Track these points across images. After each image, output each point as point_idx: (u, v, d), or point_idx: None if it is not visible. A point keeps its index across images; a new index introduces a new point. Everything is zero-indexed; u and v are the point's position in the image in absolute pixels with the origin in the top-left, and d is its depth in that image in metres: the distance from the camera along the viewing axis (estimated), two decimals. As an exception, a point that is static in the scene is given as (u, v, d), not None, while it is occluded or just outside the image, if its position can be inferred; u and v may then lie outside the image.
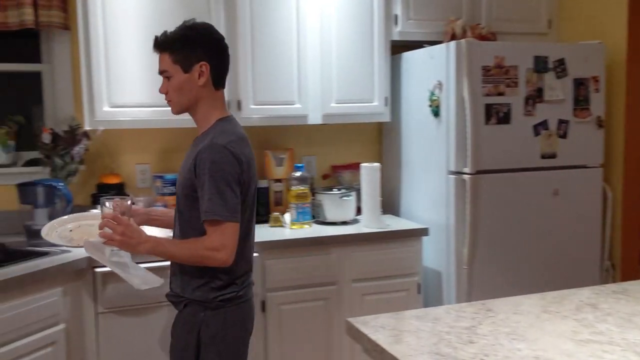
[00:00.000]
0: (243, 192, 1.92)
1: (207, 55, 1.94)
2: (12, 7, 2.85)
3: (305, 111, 3.10)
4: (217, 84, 1.99)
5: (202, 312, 1.95)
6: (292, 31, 3.03)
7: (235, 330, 1.98)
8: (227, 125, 1.98)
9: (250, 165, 1.96)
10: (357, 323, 1.63)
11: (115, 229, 1.88)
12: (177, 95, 1.98)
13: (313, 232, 2.97)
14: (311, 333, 2.88)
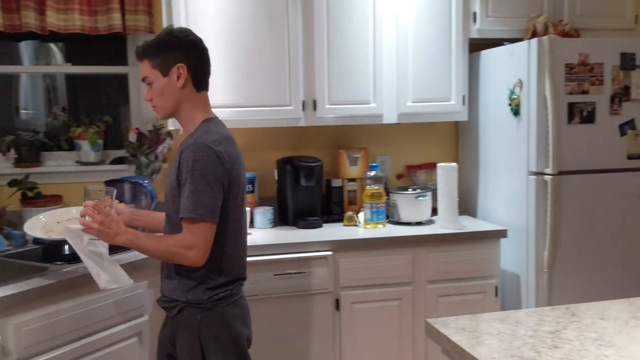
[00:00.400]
0: (229, 192, 1.91)
1: (183, 56, 1.94)
2: (102, 12, 2.99)
3: (380, 110, 3.10)
4: (198, 86, 1.99)
5: (199, 314, 1.93)
6: (368, 30, 3.04)
7: (235, 327, 1.97)
8: (211, 125, 1.98)
9: (235, 165, 1.94)
10: (437, 324, 1.62)
11: (95, 218, 1.90)
12: (160, 99, 1.98)
13: (387, 232, 2.97)
14: (384, 333, 2.88)
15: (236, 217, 1.96)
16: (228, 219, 1.93)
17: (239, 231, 2.00)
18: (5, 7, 2.85)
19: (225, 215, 1.91)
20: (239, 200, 1.96)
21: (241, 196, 1.99)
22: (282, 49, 2.94)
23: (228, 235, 1.94)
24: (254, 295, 2.69)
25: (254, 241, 2.83)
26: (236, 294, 2.00)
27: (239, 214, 1.98)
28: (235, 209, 1.95)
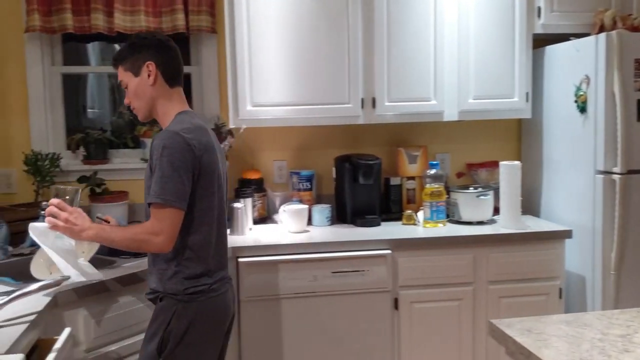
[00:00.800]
0: (200, 180, 1.91)
1: (151, 55, 2.01)
2: (166, 13, 3.07)
3: (441, 107, 3.06)
4: (170, 82, 2.04)
5: (175, 305, 1.93)
6: (429, 26, 3.00)
7: (205, 323, 1.96)
8: (184, 117, 2.01)
9: (207, 153, 1.94)
10: (502, 325, 1.58)
11: (60, 215, 1.94)
12: (136, 100, 2.05)
13: (448, 232, 2.93)
14: (444, 333, 2.84)
15: (209, 206, 1.95)
16: (201, 207, 1.93)
17: (213, 220, 1.98)
18: (75, 10, 2.97)
19: (198, 203, 1.92)
20: (213, 189, 1.96)
21: (217, 185, 1.98)
22: (342, 47, 2.94)
23: (202, 223, 1.94)
24: (312, 292, 2.71)
25: (311, 238, 2.85)
26: (217, 290, 1.99)
27: (211, 203, 1.96)
28: (208, 197, 1.95)
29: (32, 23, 2.95)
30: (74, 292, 2.05)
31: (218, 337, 2.03)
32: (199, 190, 1.92)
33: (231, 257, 2.68)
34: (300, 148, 3.38)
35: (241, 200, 2.99)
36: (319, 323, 2.74)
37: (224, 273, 2.06)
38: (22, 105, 3.09)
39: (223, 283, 2.04)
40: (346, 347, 2.77)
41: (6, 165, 3.08)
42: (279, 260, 2.70)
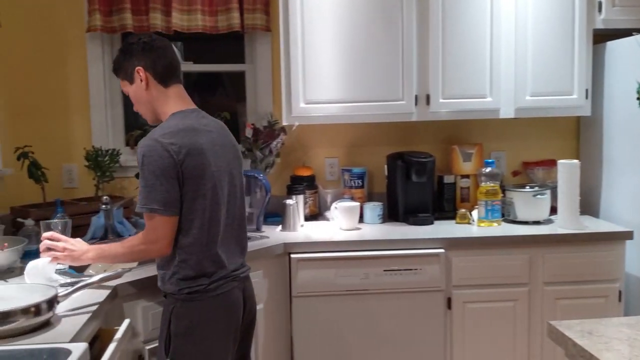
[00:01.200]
0: (187, 183, 1.88)
1: (138, 59, 2.00)
2: (222, 12, 3.12)
3: (497, 105, 3.00)
4: (163, 82, 2.02)
5: (173, 304, 1.93)
6: (485, 21, 2.94)
7: (207, 324, 1.93)
8: (174, 117, 1.97)
9: (192, 155, 1.88)
10: (561, 326, 1.55)
11: (57, 247, 1.98)
12: (139, 106, 2.07)
13: (503, 231, 2.87)
14: (498, 334, 2.80)
15: (198, 208, 1.91)
16: (189, 209, 1.90)
17: (203, 222, 1.92)
18: (135, 10, 3.05)
19: (185, 206, 1.89)
20: (202, 191, 1.91)
21: (211, 186, 1.93)
22: (396, 43, 2.92)
23: (191, 226, 1.90)
24: (364, 290, 2.71)
25: (363, 236, 2.85)
26: (215, 290, 1.95)
27: (200, 205, 1.91)
28: (197, 200, 1.90)
29: (94, 23, 3.04)
30: (133, 284, 2.11)
31: (225, 334, 1.98)
32: (186, 193, 1.89)
33: (283, 252, 2.71)
34: (352, 145, 3.37)
35: (293, 197, 3.01)
36: (370, 321, 2.74)
37: (225, 272, 1.98)
38: (84, 102, 3.19)
39: (227, 281, 1.98)
40: (397, 346, 2.75)
41: (68, 161, 3.19)
42: (330, 257, 2.71)
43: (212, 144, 1.97)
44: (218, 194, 1.95)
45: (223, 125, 2.13)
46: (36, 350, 1.48)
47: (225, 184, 1.99)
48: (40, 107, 3.16)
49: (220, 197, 1.96)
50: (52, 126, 3.17)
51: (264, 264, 2.62)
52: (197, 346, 1.92)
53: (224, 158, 2.01)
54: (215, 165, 1.95)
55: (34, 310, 1.62)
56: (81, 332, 1.66)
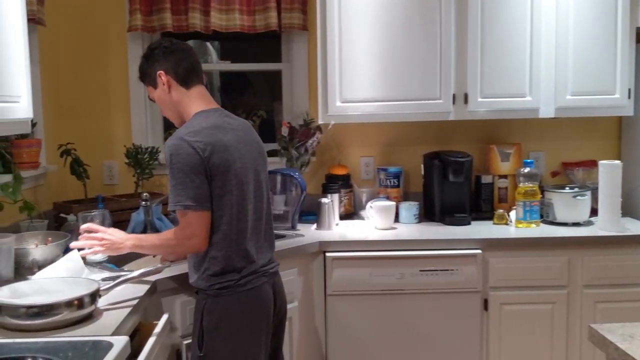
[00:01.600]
0: (214, 179, 1.91)
1: (159, 64, 2.06)
2: (259, 12, 3.14)
3: (536, 104, 2.95)
4: (185, 83, 2.07)
5: (205, 300, 1.97)
6: (525, 19, 2.90)
7: (237, 319, 1.96)
8: (197, 117, 2.02)
9: (218, 152, 1.92)
10: (602, 330, 1.52)
11: (95, 238, 2.02)
12: (164, 109, 2.14)
13: (541, 232, 2.83)
14: (535, 337, 2.75)
15: (226, 204, 1.94)
16: (218, 205, 1.93)
17: (232, 218, 1.96)
18: (174, 10, 3.09)
19: (216, 203, 1.93)
20: (229, 187, 1.95)
21: (236, 182, 1.96)
22: (434, 42, 2.90)
23: (220, 222, 1.94)
24: (399, 290, 2.70)
25: (399, 236, 2.84)
26: (246, 285, 1.98)
27: (228, 201, 1.95)
28: (224, 196, 1.94)
29: (134, 23, 3.10)
30: (172, 279, 2.15)
31: (257, 330, 2.01)
32: (213, 190, 1.93)
33: (318, 251, 2.71)
34: (387, 144, 3.36)
35: (328, 196, 3.02)
36: (405, 321, 2.73)
37: (255, 267, 2.02)
38: (124, 101, 3.26)
39: (256, 277, 2.02)
40: (432, 347, 2.74)
41: (109, 158, 3.26)
42: (365, 257, 2.70)
43: (237, 141, 2.01)
44: (244, 189, 2.00)
45: (247, 124, 2.19)
46: (79, 343, 1.51)
47: (251, 180, 2.03)
48: (83, 105, 3.23)
49: (246, 193, 2.00)
50: (93, 124, 3.24)
51: (299, 262, 2.64)
52: (228, 341, 1.96)
53: (248, 155, 2.05)
54: (240, 162, 1.99)
55: (77, 304, 1.66)
56: (122, 325, 1.70)
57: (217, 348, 1.95)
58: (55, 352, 1.45)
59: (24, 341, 1.53)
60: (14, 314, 1.61)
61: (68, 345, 1.50)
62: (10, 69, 1.92)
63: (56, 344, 1.51)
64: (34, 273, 2.15)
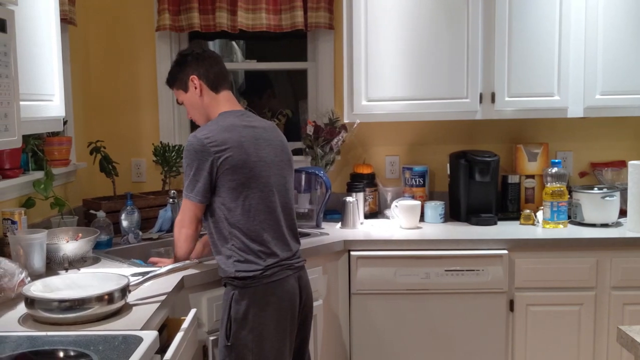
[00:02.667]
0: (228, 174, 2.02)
1: (192, 69, 2.18)
2: (286, 11, 3.16)
3: (564, 104, 2.92)
4: (215, 88, 2.20)
5: (232, 291, 2.04)
6: (554, 18, 2.87)
7: (262, 310, 2.02)
8: (218, 118, 2.15)
9: (232, 148, 2.03)
10: (632, 332, 1.50)
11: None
12: (193, 112, 2.25)
13: (569, 233, 2.80)
14: (562, 338, 2.73)
15: (243, 196, 2.04)
16: (235, 197, 2.04)
17: (253, 209, 2.05)
18: (202, 9, 3.12)
19: (230, 194, 2.03)
20: (244, 180, 2.05)
21: (250, 176, 2.06)
22: (461, 40, 2.88)
23: (240, 213, 2.04)
24: (424, 290, 2.69)
25: (424, 235, 2.83)
26: (270, 277, 2.05)
27: (245, 193, 2.05)
28: (240, 188, 2.04)
29: (163, 22, 3.13)
30: (199, 276, 2.17)
31: (282, 322, 2.07)
32: (227, 183, 2.04)
33: (342, 249, 2.72)
34: (413, 143, 3.35)
35: (353, 195, 3.02)
36: (430, 321, 2.72)
37: (277, 259, 2.08)
38: (152, 99, 3.30)
39: (281, 269, 2.08)
40: (457, 348, 2.72)
41: (137, 156, 3.31)
42: (390, 256, 2.70)
43: (254, 137, 2.12)
44: (263, 183, 2.09)
45: (271, 124, 2.30)
46: (110, 337, 1.54)
47: (271, 174, 2.12)
48: (112, 103, 3.28)
49: (264, 186, 2.09)
50: (122, 122, 3.29)
51: (324, 260, 2.64)
52: (254, 331, 2.02)
53: (269, 150, 2.14)
54: (257, 156, 2.09)
55: (108, 298, 1.69)
56: (151, 320, 1.72)
57: (244, 338, 2.01)
58: (87, 346, 1.48)
59: (56, 334, 1.57)
60: (47, 307, 1.65)
61: (99, 338, 1.53)
62: (44, 68, 1.96)
63: (87, 338, 1.54)
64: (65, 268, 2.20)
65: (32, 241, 2.10)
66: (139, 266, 2.28)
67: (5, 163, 2.33)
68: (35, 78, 1.90)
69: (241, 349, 2.02)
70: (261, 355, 2.03)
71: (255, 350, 2.02)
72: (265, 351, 2.03)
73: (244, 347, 2.02)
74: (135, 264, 2.31)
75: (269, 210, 2.09)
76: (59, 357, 1.49)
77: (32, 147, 2.57)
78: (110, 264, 2.33)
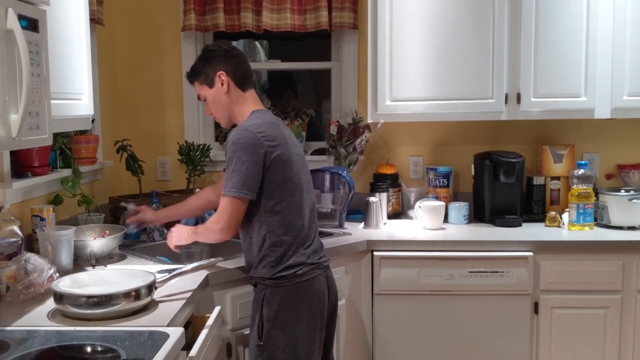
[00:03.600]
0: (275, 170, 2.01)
1: (221, 65, 2.15)
2: (310, 11, 3.16)
3: (591, 105, 2.88)
4: (242, 86, 2.17)
5: (264, 290, 2.04)
6: (581, 18, 2.83)
7: (294, 310, 2.03)
8: (256, 114, 2.13)
9: (279, 145, 2.03)
10: (661, 336, 1.48)
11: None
12: (215, 109, 2.20)
13: (595, 236, 2.77)
14: (587, 342, 2.69)
15: (287, 192, 2.04)
16: (279, 194, 2.03)
17: (290, 209, 2.05)
18: (227, 9, 3.15)
19: (276, 192, 2.03)
20: (290, 176, 2.05)
21: (294, 172, 2.07)
22: (486, 40, 2.86)
23: (278, 211, 2.03)
24: (447, 291, 2.68)
25: (448, 236, 2.82)
26: (303, 276, 2.05)
27: (289, 190, 2.05)
28: (286, 184, 2.04)
29: (188, 22, 3.16)
30: (224, 273, 2.19)
31: (313, 321, 2.07)
32: (272, 179, 2.03)
33: (365, 250, 2.72)
34: (437, 143, 3.34)
35: (376, 195, 3.02)
36: (453, 322, 2.70)
37: (310, 258, 2.09)
38: (178, 99, 3.33)
39: (312, 268, 2.09)
40: (480, 350, 2.71)
41: (162, 155, 3.34)
42: (414, 256, 2.69)
43: (290, 137, 2.17)
44: (301, 180, 2.13)
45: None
46: (136, 333, 1.56)
47: (304, 172, 2.17)
48: (138, 103, 3.32)
49: (303, 184, 2.13)
50: (148, 121, 3.33)
51: (346, 260, 2.64)
52: (286, 330, 2.03)
53: (299, 150, 2.19)
54: (296, 155, 2.13)
55: (135, 295, 1.71)
56: (176, 317, 1.74)
57: (276, 337, 2.02)
58: (114, 341, 1.51)
59: (84, 329, 1.60)
60: (75, 303, 1.68)
61: (126, 334, 1.55)
62: (74, 67, 1.99)
63: (114, 333, 1.56)
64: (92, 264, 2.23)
65: (60, 238, 2.13)
66: (165, 263, 2.30)
67: (34, 161, 2.36)
68: (65, 77, 1.93)
69: (273, 349, 2.02)
70: (293, 354, 2.03)
71: (287, 349, 2.03)
72: (297, 350, 2.04)
73: (275, 347, 2.02)
74: (160, 261, 2.34)
75: (301, 209, 2.11)
76: (86, 352, 1.51)
77: (61, 145, 2.61)
78: (136, 261, 2.36)
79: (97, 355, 1.49)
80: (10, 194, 2.20)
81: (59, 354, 1.49)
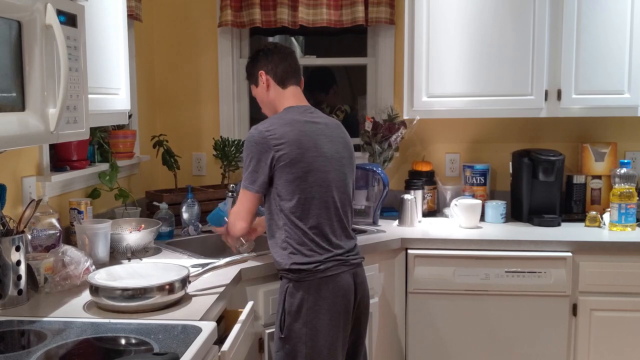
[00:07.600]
0: (287, 167, 2.05)
1: (261, 64, 2.25)
2: (346, 6, 3.14)
3: (635, 102, 2.79)
4: (282, 83, 2.24)
5: (287, 284, 2.07)
6: (625, 13, 2.75)
7: (315, 304, 2.03)
8: (283, 111, 2.19)
9: (291, 144, 2.06)
10: None
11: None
12: (263, 106, 2.32)
13: (637, 237, 2.68)
14: (627, 345, 2.62)
15: (300, 189, 2.06)
16: (292, 190, 2.06)
17: (309, 202, 2.07)
18: (263, 5, 3.15)
19: (288, 187, 2.06)
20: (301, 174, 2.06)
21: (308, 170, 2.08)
22: (526, 35, 2.80)
23: (294, 205, 2.06)
24: (483, 291, 2.64)
25: (484, 235, 2.77)
26: (322, 272, 2.05)
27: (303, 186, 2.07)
28: (297, 181, 2.06)
29: (225, 18, 3.17)
30: (257, 269, 2.19)
31: (336, 317, 2.06)
32: (284, 176, 2.06)
33: (399, 247, 2.69)
34: (474, 141, 3.28)
35: (411, 192, 2.99)
36: (488, 323, 2.66)
37: (332, 254, 2.09)
38: (214, 94, 3.35)
39: (336, 264, 2.08)
40: (515, 351, 2.65)
41: (198, 150, 3.37)
42: (449, 255, 2.66)
43: (315, 133, 2.14)
44: (320, 177, 2.10)
45: (336, 122, 2.31)
46: (170, 326, 1.58)
47: (330, 170, 2.14)
48: (175, 98, 3.35)
49: (322, 180, 2.11)
50: (184, 116, 3.35)
51: (380, 258, 2.62)
52: (307, 325, 2.04)
53: (330, 146, 2.16)
54: (317, 151, 2.11)
55: (169, 288, 1.73)
56: (209, 311, 1.75)
57: (297, 330, 2.04)
58: (147, 334, 1.52)
59: (118, 322, 1.62)
60: (110, 295, 1.70)
61: (159, 327, 1.57)
62: (111, 62, 2.02)
63: (148, 326, 1.58)
64: (127, 258, 2.26)
65: (97, 231, 2.16)
66: (199, 258, 2.32)
67: (72, 154, 2.41)
68: (102, 72, 1.95)
69: (295, 342, 2.04)
70: (314, 348, 2.04)
71: (308, 343, 2.03)
72: (318, 345, 2.04)
73: (297, 340, 2.04)
74: (195, 256, 2.35)
75: (326, 205, 2.11)
76: (120, 344, 1.53)
77: (99, 139, 2.65)
78: (171, 255, 2.38)
79: (131, 347, 1.50)
80: (49, 187, 2.24)
81: (94, 345, 1.51)
